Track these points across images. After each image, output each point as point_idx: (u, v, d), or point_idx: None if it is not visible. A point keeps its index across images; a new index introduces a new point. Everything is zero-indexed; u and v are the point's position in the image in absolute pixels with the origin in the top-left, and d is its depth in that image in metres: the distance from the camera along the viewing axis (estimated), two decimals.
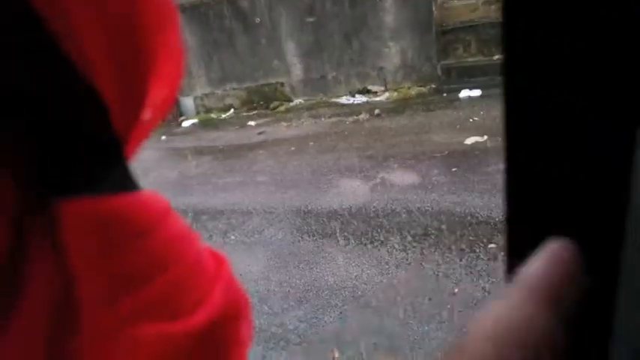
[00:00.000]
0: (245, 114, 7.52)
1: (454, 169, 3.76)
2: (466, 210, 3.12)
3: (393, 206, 3.38)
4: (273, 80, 7.43)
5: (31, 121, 0.22)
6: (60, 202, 0.23)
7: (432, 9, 6.03)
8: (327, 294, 2.59)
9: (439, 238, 2.88)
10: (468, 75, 6.04)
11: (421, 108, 5.68)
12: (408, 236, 2.97)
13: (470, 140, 4.28)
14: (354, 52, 6.71)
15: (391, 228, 3.11)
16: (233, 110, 7.83)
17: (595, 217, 0.18)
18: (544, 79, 0.17)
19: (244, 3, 7.06)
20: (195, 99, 8.14)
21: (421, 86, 6.47)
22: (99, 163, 0.25)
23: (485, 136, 4.28)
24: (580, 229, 0.18)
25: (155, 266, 0.25)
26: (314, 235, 3.23)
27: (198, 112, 8.16)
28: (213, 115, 7.91)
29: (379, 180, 3.87)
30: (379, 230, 3.11)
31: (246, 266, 3.03)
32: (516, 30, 0.17)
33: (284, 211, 3.67)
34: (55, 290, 0.23)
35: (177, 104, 8.17)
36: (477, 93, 5.71)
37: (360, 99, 6.73)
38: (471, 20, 6.00)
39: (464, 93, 5.79)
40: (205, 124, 7.62)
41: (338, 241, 3.09)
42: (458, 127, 4.74)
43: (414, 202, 3.36)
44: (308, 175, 4.30)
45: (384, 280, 2.60)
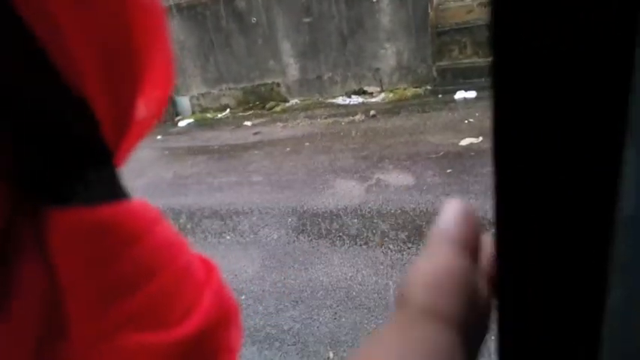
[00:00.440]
0: (241, 114, 7.51)
1: (449, 170, 3.77)
2: None
3: (388, 207, 3.38)
4: (269, 80, 7.43)
5: (18, 127, 0.23)
6: (49, 211, 0.23)
7: (428, 10, 6.05)
8: (322, 294, 2.60)
9: None
10: (463, 76, 6.06)
11: (417, 109, 5.70)
12: (403, 237, 2.98)
13: (465, 141, 4.30)
14: (350, 53, 6.72)
15: (386, 229, 3.12)
16: (229, 110, 7.82)
17: (582, 220, 0.18)
18: (531, 81, 0.17)
19: (241, 3, 7.05)
20: (192, 99, 8.13)
21: (417, 87, 6.49)
22: (88, 171, 0.25)
23: (481, 138, 4.30)
24: (568, 231, 0.19)
25: (143, 275, 0.25)
26: (309, 236, 3.23)
27: (194, 112, 8.15)
28: (209, 115, 7.90)
29: (374, 181, 3.87)
30: (374, 231, 3.12)
31: (241, 266, 3.04)
32: (504, 33, 0.17)
33: (279, 212, 3.67)
34: (46, 292, 0.23)
35: (173, 104, 8.15)
36: (472, 94, 5.73)
37: (356, 100, 6.74)
38: (466, 22, 6.02)
39: (459, 94, 5.81)
40: (201, 123, 7.61)
41: (333, 242, 3.09)
42: (453, 128, 4.76)
43: (409, 203, 3.37)
44: (303, 176, 4.31)
45: (378, 281, 2.61)
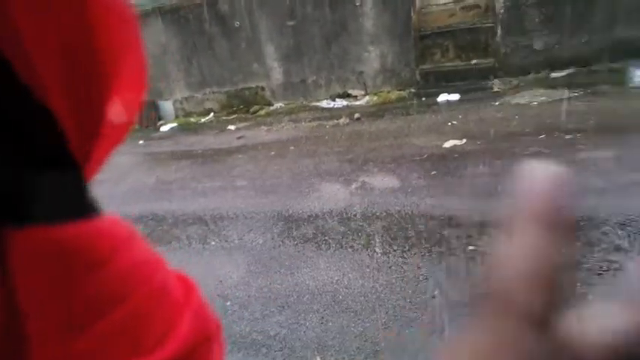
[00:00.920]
0: (225, 118, 7.47)
1: (433, 172, 3.79)
2: (445, 213, 3.15)
3: (373, 210, 3.39)
4: (253, 84, 7.40)
5: None
6: (10, 230, 0.21)
7: (411, 14, 6.10)
8: (308, 299, 2.58)
9: (419, 241, 2.90)
10: (446, 79, 6.13)
11: (400, 112, 5.73)
12: (388, 240, 2.98)
13: (448, 144, 4.34)
14: (334, 57, 6.74)
15: (372, 232, 3.12)
16: (213, 114, 7.77)
17: None
18: None
19: (224, 6, 7.02)
20: (175, 102, 8.05)
21: (400, 90, 6.54)
22: (52, 186, 0.23)
23: (464, 140, 4.35)
24: None
25: (112, 298, 0.24)
26: (294, 240, 3.22)
27: (177, 116, 8.08)
28: (192, 119, 7.83)
29: (359, 184, 3.88)
30: (360, 234, 3.12)
31: (227, 272, 3.00)
32: None
33: (264, 216, 3.65)
34: (4, 314, 0.22)
35: (155, 108, 8.07)
36: (455, 97, 5.79)
37: (340, 103, 6.76)
38: (449, 25, 6.10)
39: (442, 97, 5.87)
40: (184, 128, 7.54)
41: (319, 246, 3.08)
42: (436, 130, 4.79)
43: (394, 206, 3.38)
44: (288, 180, 4.29)
45: (365, 284, 2.60)
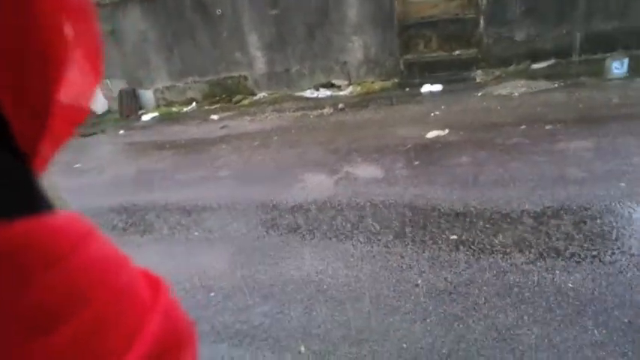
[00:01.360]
0: (207, 108, 7.38)
1: (416, 162, 3.82)
2: (428, 202, 3.18)
3: (357, 200, 3.40)
4: (235, 73, 7.32)
5: None
6: None
7: (394, 4, 6.09)
8: (292, 289, 2.59)
9: (402, 230, 2.93)
10: (429, 70, 6.15)
11: (384, 102, 5.74)
12: (372, 229, 3.00)
13: (431, 134, 4.37)
14: (317, 46, 6.70)
15: (356, 221, 3.13)
16: (195, 104, 7.66)
17: None
18: None
19: None
20: (156, 92, 7.92)
21: (384, 81, 6.54)
22: None
23: (447, 130, 4.38)
24: None
25: (68, 303, 0.21)
26: (279, 230, 3.21)
27: (158, 106, 7.95)
28: (174, 109, 7.72)
29: (343, 174, 3.88)
30: (344, 224, 3.13)
31: (210, 263, 2.99)
32: None
33: (248, 206, 3.63)
34: None
35: (136, 97, 7.93)
36: (438, 87, 5.82)
37: (324, 93, 6.74)
38: (432, 16, 6.11)
39: (425, 88, 5.89)
40: (166, 117, 7.43)
41: (303, 236, 3.08)
42: (420, 121, 4.82)
43: (377, 196, 3.40)
44: (272, 170, 4.27)
45: (349, 274, 2.62)
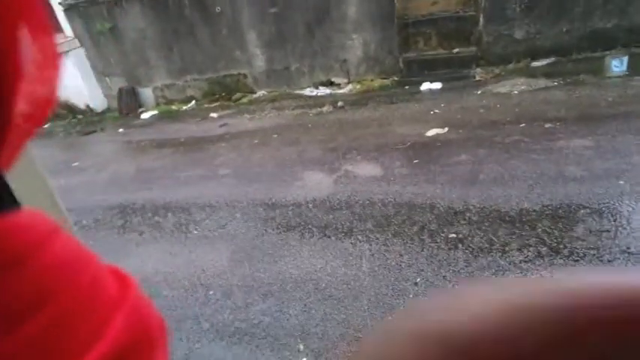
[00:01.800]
0: (207, 106, 7.38)
1: (416, 160, 3.82)
2: (427, 201, 3.18)
3: (356, 198, 3.40)
4: (235, 71, 7.31)
5: None
6: None
7: (394, 2, 6.08)
8: (291, 287, 2.59)
9: (401, 228, 2.93)
10: (428, 68, 6.14)
11: (383, 100, 5.74)
12: (371, 227, 3.01)
13: (431, 132, 4.36)
14: (317, 44, 6.69)
15: (355, 220, 3.13)
16: (194, 102, 7.66)
17: None
18: None
19: None
20: (155, 90, 7.91)
21: (384, 79, 6.53)
22: None
23: (446, 128, 4.38)
24: None
25: (34, 301, 0.22)
26: (278, 229, 3.22)
27: (158, 104, 7.94)
28: (173, 107, 7.71)
29: (342, 172, 3.89)
30: (343, 222, 3.13)
31: (209, 261, 2.99)
32: None
33: (247, 205, 3.63)
34: None
35: (135, 95, 7.92)
36: (437, 86, 5.82)
37: (324, 91, 6.73)
38: (432, 13, 6.09)
39: (425, 85, 5.89)
40: (166, 115, 7.42)
41: (302, 234, 3.09)
42: (419, 119, 4.82)
43: (376, 194, 3.40)
44: (271, 168, 4.27)
45: (347, 272, 2.62)
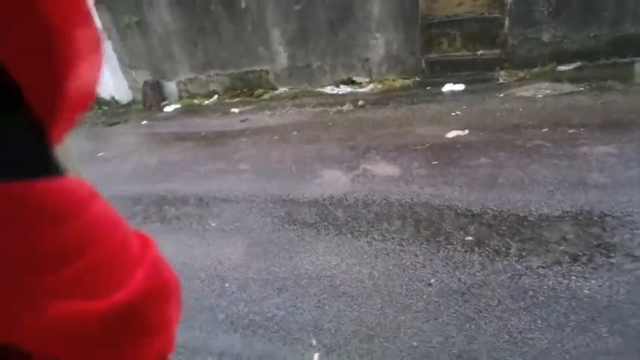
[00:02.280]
0: (228, 101, 7.45)
1: (435, 162, 3.80)
2: (445, 203, 3.17)
3: (373, 197, 3.41)
4: (257, 68, 7.36)
5: None
6: None
7: (418, 2, 6.04)
8: (306, 282, 2.62)
9: (418, 229, 2.93)
10: (451, 69, 6.09)
11: (404, 100, 5.72)
12: (387, 227, 3.01)
13: (451, 134, 4.34)
14: (339, 42, 6.69)
15: (371, 219, 3.14)
16: (216, 97, 7.74)
17: None
18: None
19: None
20: (178, 84, 8.03)
21: (405, 79, 6.50)
22: (15, 146, 0.25)
23: (467, 130, 4.34)
24: None
25: (77, 249, 0.27)
26: (294, 224, 3.24)
27: (181, 98, 8.06)
28: (196, 101, 7.82)
29: (361, 171, 3.89)
30: (359, 221, 3.14)
31: (226, 254, 3.04)
32: None
33: (265, 200, 3.67)
34: None
35: (159, 88, 8.05)
36: (460, 87, 5.77)
37: (345, 89, 6.73)
38: (457, 15, 6.04)
39: (447, 87, 5.84)
40: (188, 109, 7.53)
41: (318, 231, 3.11)
42: (440, 120, 4.79)
43: (394, 194, 3.40)
44: (290, 165, 4.31)
45: (362, 270, 2.64)
